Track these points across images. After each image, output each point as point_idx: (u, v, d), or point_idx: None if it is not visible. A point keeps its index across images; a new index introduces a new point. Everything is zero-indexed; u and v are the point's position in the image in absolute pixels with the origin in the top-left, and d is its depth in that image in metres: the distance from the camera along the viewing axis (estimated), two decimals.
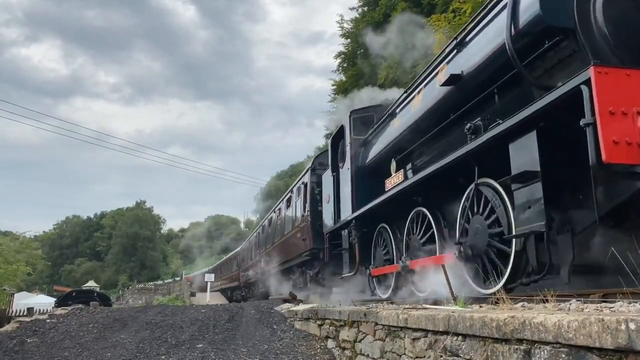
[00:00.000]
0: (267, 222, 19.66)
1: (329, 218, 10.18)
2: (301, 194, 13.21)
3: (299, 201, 13.51)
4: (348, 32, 28.32)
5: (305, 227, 12.19)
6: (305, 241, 12.23)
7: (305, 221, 12.34)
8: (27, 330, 7.52)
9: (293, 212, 14.26)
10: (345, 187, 9.20)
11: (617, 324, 1.98)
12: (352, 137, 9.15)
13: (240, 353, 6.06)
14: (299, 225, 13.13)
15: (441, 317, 3.40)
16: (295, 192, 14.19)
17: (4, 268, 25.86)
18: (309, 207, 12.13)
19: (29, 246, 42.66)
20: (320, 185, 11.54)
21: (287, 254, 14.76)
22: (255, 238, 23.01)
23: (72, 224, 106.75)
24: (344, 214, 9.08)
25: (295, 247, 13.39)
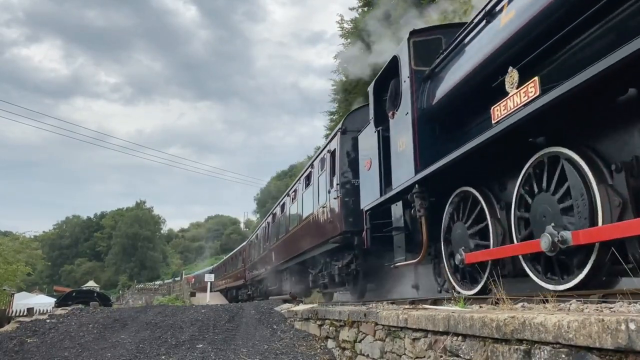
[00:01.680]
0: (279, 209, 17.05)
1: (371, 190, 7.69)
2: (326, 165, 10.66)
3: (322, 176, 10.96)
4: (348, 32, 28.32)
5: (334, 206, 9.78)
6: (332, 224, 9.83)
7: (333, 199, 9.85)
8: (27, 331, 7.52)
9: (314, 191, 11.71)
10: (401, 140, 6.52)
11: (617, 324, 1.98)
12: (412, 67, 6.42)
13: (240, 353, 6.06)
14: (324, 205, 10.61)
15: (441, 317, 3.40)
16: (318, 165, 11.59)
17: (4, 268, 25.85)
18: (338, 180, 9.62)
19: (28, 246, 42.65)
20: (354, 150, 9.22)
21: (307, 243, 12.17)
22: (263, 230, 20.54)
23: (72, 224, 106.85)
24: (397, 179, 6.53)
25: (319, 234, 10.99)
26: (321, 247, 11.15)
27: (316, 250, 11.58)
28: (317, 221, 11.17)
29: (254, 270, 22.35)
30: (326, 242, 10.46)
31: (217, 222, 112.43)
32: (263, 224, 21.15)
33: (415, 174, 5.91)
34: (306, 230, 12.31)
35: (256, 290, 23.10)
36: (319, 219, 11.04)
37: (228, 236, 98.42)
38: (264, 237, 19.83)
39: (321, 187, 11.10)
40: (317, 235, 11.16)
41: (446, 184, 5.81)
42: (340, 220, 9.38)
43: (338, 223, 9.49)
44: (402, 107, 6.57)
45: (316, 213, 11.29)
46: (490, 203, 5.13)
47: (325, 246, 10.77)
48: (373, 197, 7.57)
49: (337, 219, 9.51)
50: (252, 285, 24.35)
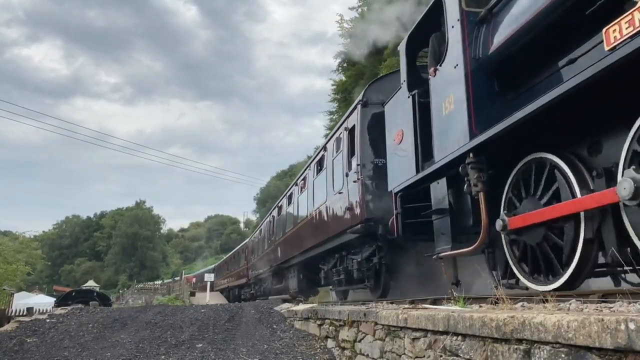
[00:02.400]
0: (286, 201, 15.66)
1: (403, 167, 6.44)
2: (343, 145, 9.40)
3: (338, 158, 9.67)
4: (348, 32, 28.32)
5: (353, 191, 8.54)
6: (351, 211, 8.66)
7: (352, 182, 8.60)
8: (26, 330, 7.53)
9: (328, 177, 10.42)
10: (447, 101, 5.27)
11: (616, 324, 1.98)
12: (463, 9, 5.14)
13: (240, 353, 6.06)
14: (340, 191, 9.39)
15: (441, 316, 3.40)
16: (332, 146, 10.31)
17: (4, 268, 25.86)
18: (359, 159, 8.38)
19: (28, 246, 42.73)
20: (378, 125, 7.90)
21: (319, 236, 10.95)
22: (267, 225, 19.19)
23: (72, 224, 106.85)
24: (442, 150, 5.33)
25: (334, 224, 9.77)
26: (336, 239, 9.85)
27: (330, 243, 10.33)
28: (332, 210, 9.90)
29: (258, 267, 21.21)
30: (343, 233, 9.17)
31: (217, 222, 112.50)
32: (267, 218, 19.72)
33: (471, 139, 4.66)
34: (318, 221, 11.00)
35: (260, 289, 22.05)
36: (334, 207, 9.79)
37: (228, 236, 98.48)
38: (269, 232, 18.55)
39: (337, 171, 9.73)
40: (332, 226, 9.89)
41: (510, 151, 4.63)
42: (362, 206, 8.13)
43: (359, 210, 8.23)
44: (449, 59, 5.28)
45: (331, 201, 10.01)
46: (579, 171, 3.93)
47: (342, 238, 9.43)
48: (406, 175, 6.32)
49: (358, 205, 8.27)
50: (255, 283, 23.25)
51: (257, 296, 21.96)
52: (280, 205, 16.87)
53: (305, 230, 12.34)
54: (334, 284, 10.89)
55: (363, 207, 8.12)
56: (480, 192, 4.62)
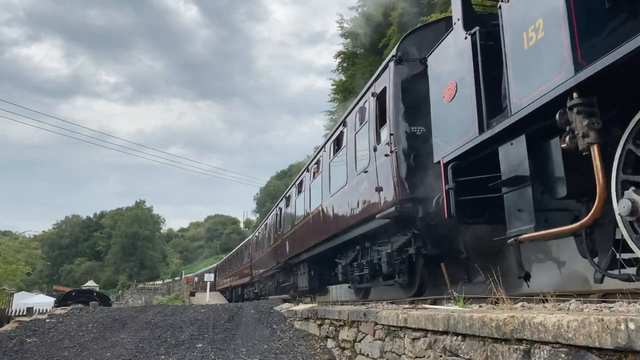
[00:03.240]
0: (295, 190, 14.29)
1: (456, 129, 5.23)
2: (369, 115, 8.00)
3: (364, 130, 8.25)
4: (348, 31, 28.33)
5: (385, 167, 7.16)
6: (382, 192, 7.28)
7: (384, 156, 7.19)
8: (26, 330, 7.52)
9: (349, 155, 8.93)
10: (531, 28, 4.01)
11: (616, 324, 1.98)
12: None
13: (240, 353, 6.06)
14: (365, 169, 7.95)
15: (441, 316, 3.40)
16: (354, 118, 8.88)
17: (4, 268, 25.84)
18: (392, 128, 6.99)
19: (28, 246, 42.74)
20: (416, 85, 6.75)
21: (337, 225, 9.59)
22: (274, 218, 17.73)
23: (72, 224, 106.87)
24: (521, 95, 4.14)
25: (357, 209, 8.40)
26: (359, 228, 8.53)
27: (351, 232, 9.00)
28: (355, 194, 8.52)
29: (262, 265, 19.78)
30: (369, 220, 7.85)
31: (217, 222, 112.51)
32: (274, 210, 18.19)
33: (576, 71, 3.45)
34: (337, 208, 9.65)
35: (264, 288, 20.57)
36: (357, 190, 8.39)
37: (228, 236, 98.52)
38: (275, 226, 17.02)
39: (361, 147, 8.33)
40: (354, 213, 8.55)
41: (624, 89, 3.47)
42: (397, 184, 6.76)
43: (392, 189, 6.88)
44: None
45: (353, 183, 8.61)
46: None
47: (367, 225, 8.12)
48: (460, 139, 5.08)
49: (391, 183, 6.92)
50: (259, 282, 21.78)
51: (261, 295, 20.56)
52: (288, 196, 15.41)
53: (319, 221, 10.89)
54: (353, 280, 9.63)
55: (398, 185, 6.70)
56: (594, 144, 3.40)
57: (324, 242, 10.76)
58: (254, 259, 22.66)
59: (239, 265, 27.59)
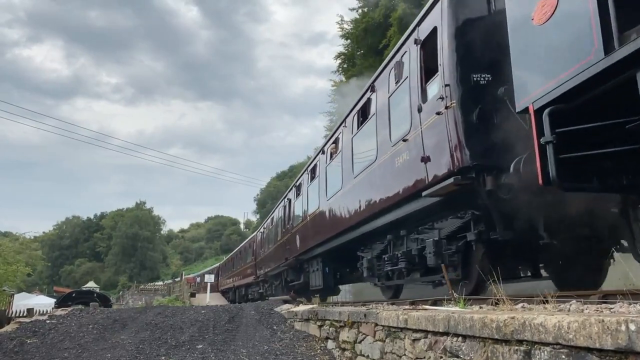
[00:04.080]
0: (307, 177, 12.71)
1: (555, 58, 3.93)
2: (411, 68, 6.47)
3: (401, 90, 6.74)
4: (348, 32, 28.35)
5: (436, 130, 5.66)
6: (431, 162, 5.78)
7: (435, 114, 5.65)
8: (26, 331, 7.52)
9: (381, 124, 7.46)
10: None
11: (617, 325, 1.98)
12: None
13: (240, 354, 6.06)
14: (405, 137, 6.44)
15: (441, 318, 3.40)
16: (387, 78, 7.33)
17: (4, 269, 25.85)
18: (449, 78, 5.48)
19: (28, 247, 42.75)
20: (476, 22, 5.58)
21: (363, 211, 8.09)
22: (282, 211, 16.23)
23: (72, 225, 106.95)
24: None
25: (394, 188, 6.82)
26: (392, 212, 7.07)
27: (380, 219, 7.55)
28: (388, 170, 7.01)
29: (268, 263, 18.34)
30: (409, 200, 6.45)
31: (217, 223, 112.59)
32: (281, 202, 16.73)
33: None
34: (361, 191, 8.18)
35: (270, 288, 19.09)
36: (391, 165, 6.91)
37: (228, 237, 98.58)
38: (284, 219, 15.54)
39: (398, 111, 6.89)
40: (388, 193, 7.02)
41: None
42: (456, 149, 5.25)
43: (449, 156, 5.36)
44: None
45: (386, 157, 7.12)
46: None
47: (404, 208, 6.68)
48: (567, 70, 3.73)
49: (446, 148, 5.41)
50: (265, 281, 20.23)
51: (266, 296, 19.09)
52: (298, 185, 13.90)
53: (338, 209, 9.58)
54: (381, 277, 8.19)
55: (458, 149, 5.21)
56: None
57: (343, 233, 9.29)
58: (258, 257, 21.23)
59: (243, 264, 26.28)
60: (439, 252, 6.02)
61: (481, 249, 5.56)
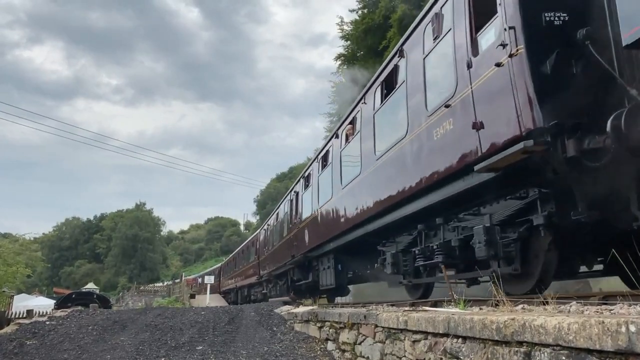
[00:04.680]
0: (319, 165, 11.45)
1: None
2: (458, 16, 5.50)
3: (442, 46, 5.76)
4: (348, 34, 28.38)
5: (493, 87, 4.70)
6: (485, 130, 4.80)
7: (494, 67, 4.64)
8: (26, 333, 7.51)
9: (413, 91, 6.41)
10: None
11: (617, 326, 1.98)
12: None
13: (240, 355, 6.06)
14: (448, 102, 5.42)
15: (441, 319, 3.40)
16: (424, 34, 6.34)
17: (4, 270, 25.83)
18: (513, 18, 4.55)
19: (28, 248, 42.68)
20: None
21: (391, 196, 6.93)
22: (287, 205, 15.18)
23: (72, 226, 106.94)
24: None
25: (433, 165, 5.71)
26: (428, 196, 6.04)
27: (410, 205, 6.50)
28: (424, 145, 6.00)
29: (272, 261, 17.23)
30: (453, 179, 5.43)
31: (217, 224, 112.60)
32: (288, 196, 15.68)
33: None
34: (386, 174, 7.14)
35: (274, 288, 18.10)
36: (428, 139, 5.86)
37: (228, 238, 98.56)
38: (290, 214, 14.55)
39: (435, 74, 5.94)
40: (423, 173, 5.97)
41: None
42: (525, 106, 4.19)
43: (515, 116, 4.29)
44: None
45: (420, 131, 6.07)
46: None
47: (445, 189, 5.64)
48: None
49: (511, 107, 4.34)
50: (268, 281, 19.21)
51: (270, 297, 18.17)
52: (307, 175, 12.79)
53: (355, 198, 8.48)
54: (407, 274, 7.23)
55: (528, 106, 4.15)
56: None
57: (360, 225, 8.27)
58: (261, 256, 20.15)
59: (245, 264, 25.18)
60: (492, 242, 4.96)
61: (549, 235, 4.51)
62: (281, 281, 16.57)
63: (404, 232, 7.29)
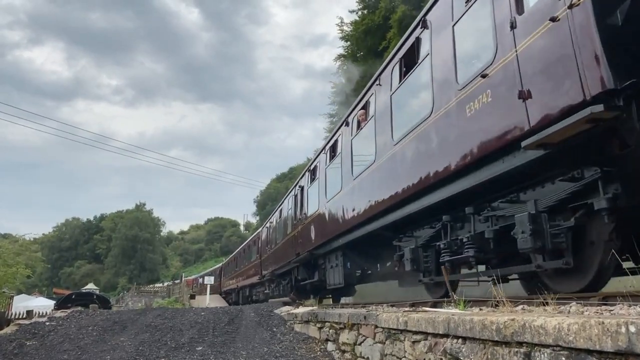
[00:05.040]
0: (326, 156, 10.67)
1: None
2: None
3: (479, 4, 5.06)
4: (348, 34, 28.40)
5: (546, 46, 3.95)
6: (534, 100, 4.08)
7: (549, 22, 3.87)
8: (26, 333, 7.51)
9: (441, 61, 5.74)
10: None
11: (617, 327, 1.98)
12: None
13: (240, 356, 6.05)
14: (484, 71, 4.76)
15: (441, 319, 3.40)
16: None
17: (3, 270, 25.82)
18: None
19: (28, 248, 42.61)
20: None
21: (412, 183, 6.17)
22: (292, 201, 14.37)
23: (72, 227, 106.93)
24: None
25: (467, 144, 5.00)
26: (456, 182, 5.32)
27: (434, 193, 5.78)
28: (455, 122, 5.23)
29: (275, 260, 16.63)
30: (490, 159, 4.70)
31: (217, 225, 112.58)
32: (292, 191, 14.80)
33: None
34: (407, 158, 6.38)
35: (277, 288, 17.38)
36: (459, 115, 5.14)
37: (228, 238, 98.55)
38: (295, 210, 13.89)
39: (469, 42, 5.29)
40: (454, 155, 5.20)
41: None
42: (591, 65, 3.51)
43: (580, 76, 3.58)
44: None
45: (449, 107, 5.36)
46: None
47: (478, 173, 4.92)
48: None
49: (575, 66, 3.61)
50: (271, 281, 18.51)
51: (273, 297, 17.61)
52: (313, 168, 12.00)
53: (368, 188, 7.75)
54: (428, 271, 6.52)
55: (594, 64, 3.44)
56: None
57: (373, 219, 7.54)
58: (264, 255, 19.50)
59: (247, 263, 24.59)
60: (539, 232, 4.22)
61: (611, 222, 3.84)
62: (284, 281, 16.01)
63: (424, 225, 6.56)
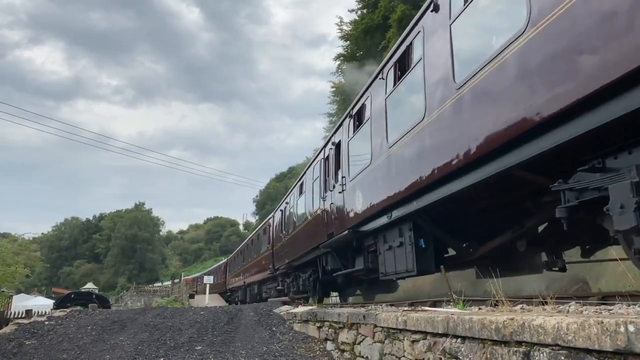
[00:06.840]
0: (385, 84, 6.85)
1: None
2: None
3: None
4: (347, 34, 28.38)
5: None
6: None
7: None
8: (25, 333, 7.51)
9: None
10: None
11: (616, 326, 1.98)
12: None
13: (239, 355, 6.05)
14: None
15: (440, 319, 3.40)
16: None
17: (3, 270, 25.81)
18: None
19: (27, 248, 42.61)
20: None
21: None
22: (320, 167, 10.72)
23: (71, 226, 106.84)
24: None
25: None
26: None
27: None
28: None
29: (293, 248, 13.09)
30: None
31: (216, 224, 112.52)
32: (319, 156, 11.02)
33: None
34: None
35: (294, 283, 13.85)
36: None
37: (227, 238, 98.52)
38: (323, 179, 10.41)
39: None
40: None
41: None
42: None
43: None
44: None
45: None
46: None
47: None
48: None
49: None
50: (286, 275, 15.00)
51: (288, 294, 14.54)
52: (359, 109, 8.18)
53: (480, 106, 4.39)
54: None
55: None
56: None
57: (473, 166, 4.50)
58: (277, 244, 15.87)
59: (255, 255, 20.37)
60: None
61: None
62: (305, 274, 12.55)
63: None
